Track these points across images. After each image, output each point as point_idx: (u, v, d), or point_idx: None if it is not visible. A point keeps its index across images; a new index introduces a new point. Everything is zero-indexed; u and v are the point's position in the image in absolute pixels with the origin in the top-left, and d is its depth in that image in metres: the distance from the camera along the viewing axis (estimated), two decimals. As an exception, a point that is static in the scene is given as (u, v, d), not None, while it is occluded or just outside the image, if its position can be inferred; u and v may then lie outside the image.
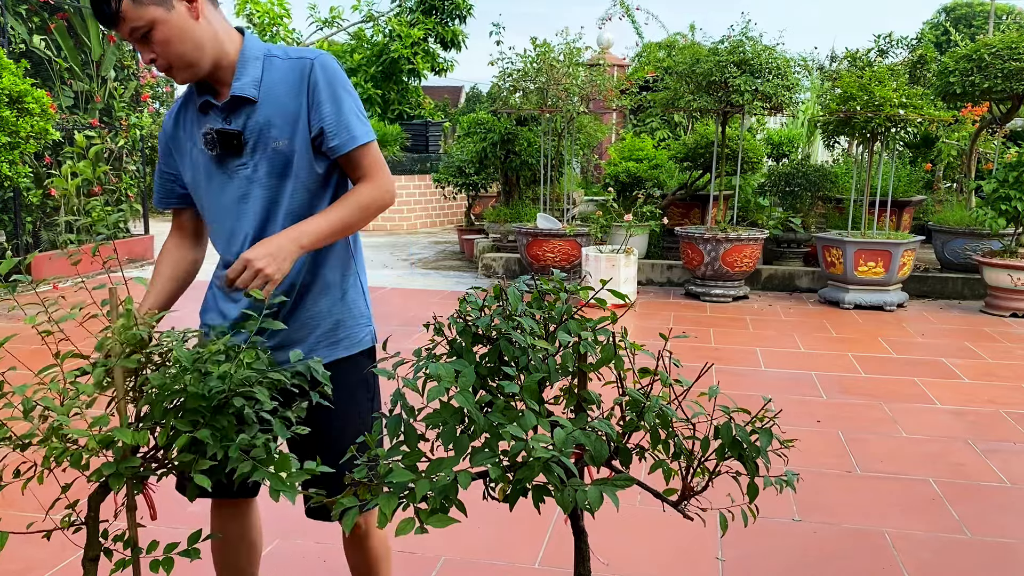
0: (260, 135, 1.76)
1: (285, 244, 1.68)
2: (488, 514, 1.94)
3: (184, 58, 1.70)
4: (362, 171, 1.81)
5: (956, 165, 10.07)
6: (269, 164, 1.77)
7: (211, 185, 1.82)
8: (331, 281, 1.88)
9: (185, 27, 1.68)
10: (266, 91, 1.76)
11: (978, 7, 18.79)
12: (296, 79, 1.76)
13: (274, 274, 1.64)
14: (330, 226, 1.75)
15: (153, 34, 1.65)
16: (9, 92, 6.57)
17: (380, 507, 1.26)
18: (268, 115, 1.75)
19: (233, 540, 2.06)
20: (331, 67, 1.78)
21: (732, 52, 7.26)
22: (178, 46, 1.68)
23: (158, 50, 1.68)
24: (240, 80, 1.75)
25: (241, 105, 1.76)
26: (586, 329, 1.41)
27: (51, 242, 8.50)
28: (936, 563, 2.82)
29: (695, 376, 1.48)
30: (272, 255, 1.65)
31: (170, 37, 1.66)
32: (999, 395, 4.72)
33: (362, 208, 1.79)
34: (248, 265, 1.63)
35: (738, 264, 7.40)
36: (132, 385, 1.47)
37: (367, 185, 1.81)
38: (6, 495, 1.64)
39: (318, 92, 1.75)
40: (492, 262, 8.84)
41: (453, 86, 20.45)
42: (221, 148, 1.76)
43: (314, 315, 1.87)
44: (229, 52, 1.76)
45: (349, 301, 1.92)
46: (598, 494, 1.24)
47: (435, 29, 14.40)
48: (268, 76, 1.77)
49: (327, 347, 1.89)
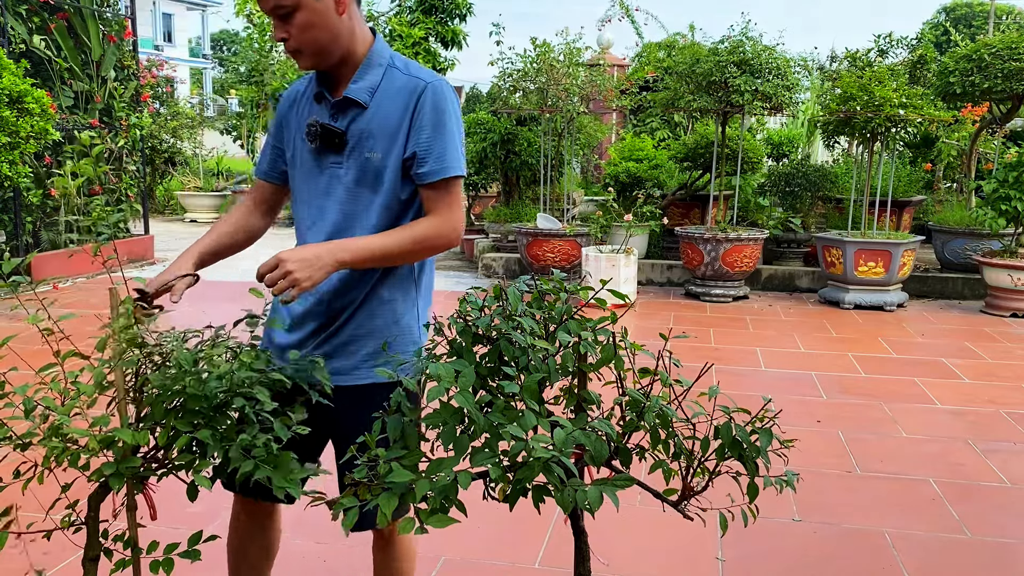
0: (359, 141, 1.76)
1: (323, 255, 1.65)
2: (488, 514, 1.94)
3: (317, 45, 1.71)
4: (434, 204, 1.78)
5: (956, 165, 10.07)
6: (359, 171, 1.77)
7: (303, 172, 1.84)
8: (387, 299, 1.85)
9: (328, 17, 1.70)
10: (378, 100, 1.76)
11: (978, 7, 18.79)
12: (406, 97, 1.76)
13: (303, 281, 1.60)
14: (378, 250, 1.72)
15: (296, 15, 1.67)
16: (9, 92, 6.57)
17: (380, 507, 1.26)
18: (372, 124, 1.76)
19: (253, 535, 2.06)
20: (443, 94, 1.78)
21: (732, 52, 7.26)
22: (316, 33, 1.70)
23: (294, 32, 1.69)
24: (358, 83, 1.76)
25: (350, 106, 1.77)
26: (586, 329, 1.41)
27: (51, 242, 8.49)
28: (936, 563, 2.82)
29: (695, 376, 1.48)
30: (307, 261, 1.62)
31: (312, 23, 1.68)
32: (999, 395, 4.72)
33: (416, 240, 1.75)
34: (280, 265, 1.60)
35: (738, 264, 7.40)
36: (132, 385, 1.47)
37: (433, 220, 1.78)
38: (6, 495, 1.63)
39: (423, 116, 1.75)
40: (492, 262, 8.84)
41: (453, 86, 20.44)
42: (321, 142, 1.77)
43: (365, 332, 1.84)
44: (357, 52, 1.78)
45: (403, 326, 1.88)
46: (598, 494, 1.24)
47: (435, 28, 14.40)
48: (384, 86, 1.78)
49: (371, 367, 1.85)
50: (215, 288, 7.87)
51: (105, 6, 9.35)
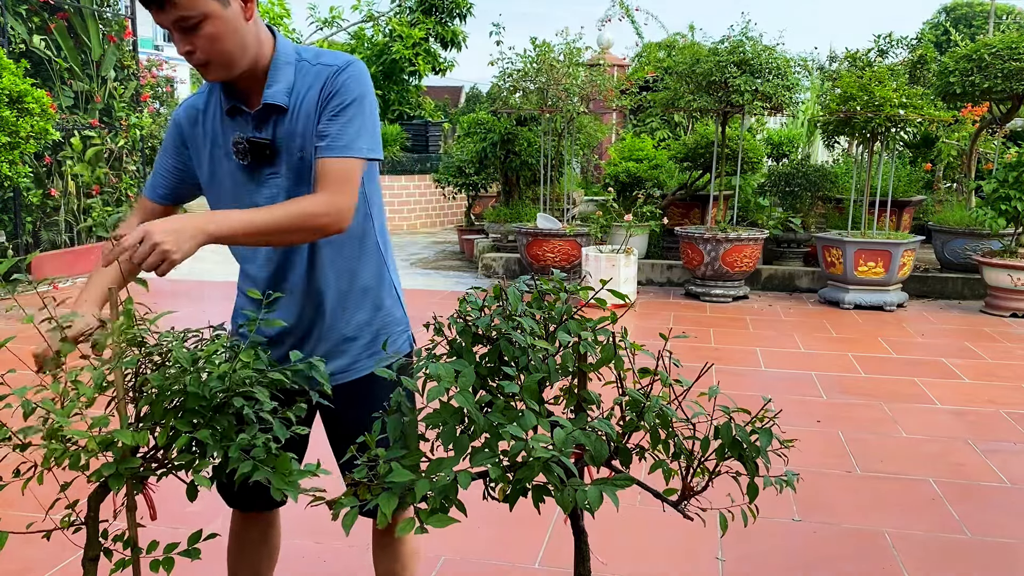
0: (288, 144, 1.70)
1: (190, 225, 1.51)
2: (488, 514, 1.94)
3: (226, 56, 1.62)
4: (325, 183, 1.65)
5: (956, 165, 10.07)
6: (296, 174, 1.71)
7: (234, 191, 1.75)
8: (368, 287, 1.84)
9: (237, 26, 1.61)
10: (296, 99, 1.69)
11: (978, 7, 18.79)
12: (320, 85, 1.69)
13: (173, 253, 1.46)
14: (251, 223, 1.57)
15: (203, 26, 1.57)
16: (9, 92, 6.57)
17: (380, 507, 1.26)
18: (296, 124, 1.69)
19: (255, 543, 2.05)
20: (353, 75, 1.70)
21: (732, 52, 7.26)
22: (225, 43, 1.60)
23: (201, 44, 1.59)
24: (273, 87, 1.68)
25: (272, 113, 1.69)
26: (586, 329, 1.41)
27: (51, 242, 8.49)
28: (936, 563, 2.82)
29: (695, 376, 1.48)
30: (175, 231, 1.48)
31: (220, 34, 1.59)
32: (999, 395, 4.72)
33: (297, 216, 1.60)
34: (146, 237, 1.44)
35: (738, 264, 7.40)
36: (132, 384, 1.46)
37: (319, 197, 1.64)
38: (6, 495, 1.63)
39: (331, 97, 1.68)
40: (492, 262, 8.83)
41: (453, 86, 20.44)
42: (252, 157, 1.69)
43: (354, 328, 1.84)
44: (265, 55, 1.69)
45: (387, 309, 1.88)
46: (598, 494, 1.24)
47: (435, 28, 14.39)
48: (299, 82, 1.70)
49: (368, 358, 1.85)
50: (215, 288, 7.88)
51: (105, 6, 9.35)
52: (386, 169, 12.90)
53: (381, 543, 2.00)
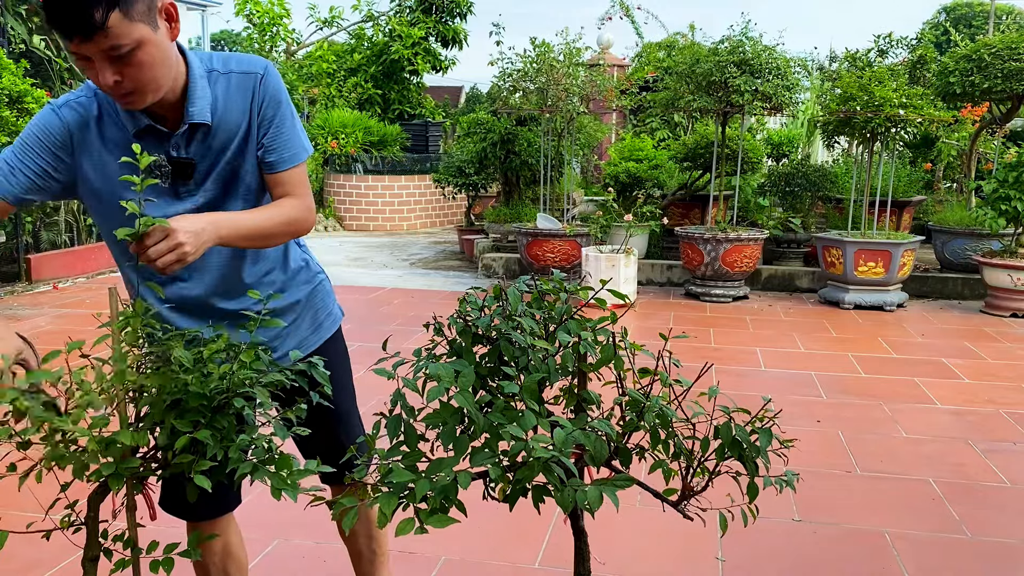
0: (214, 158, 1.67)
1: (208, 228, 1.53)
2: (488, 514, 1.94)
3: (156, 83, 1.52)
4: (292, 189, 1.72)
5: (956, 165, 10.07)
6: (222, 185, 1.69)
7: (149, 206, 1.63)
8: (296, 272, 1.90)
9: (166, 49, 1.52)
10: (218, 112, 1.65)
11: (978, 7, 18.79)
12: (243, 95, 1.67)
13: (190, 254, 1.47)
14: (252, 228, 1.64)
15: (135, 55, 1.46)
16: (9, 92, 6.58)
17: (380, 507, 1.26)
18: (222, 137, 1.66)
19: (218, 560, 1.98)
20: (275, 78, 1.70)
21: (732, 52, 7.26)
22: (156, 69, 1.51)
23: (131, 73, 1.48)
24: (196, 105, 1.62)
25: (196, 130, 1.64)
26: (586, 329, 1.41)
27: (51, 242, 8.50)
28: (936, 563, 2.82)
29: (695, 376, 1.48)
30: (196, 233, 1.49)
31: (152, 60, 1.49)
32: (999, 395, 4.72)
33: (288, 223, 1.71)
34: (171, 236, 1.44)
35: (738, 264, 7.40)
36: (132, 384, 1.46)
37: (296, 202, 1.72)
38: (6, 495, 1.63)
39: (265, 107, 1.67)
40: (492, 262, 8.84)
41: (453, 86, 20.43)
42: (174, 177, 1.65)
43: (299, 315, 1.91)
44: (181, 72, 1.61)
45: (317, 286, 1.96)
46: (598, 494, 1.24)
47: (435, 28, 14.40)
48: (218, 95, 1.65)
49: (315, 334, 1.94)
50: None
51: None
52: (386, 169, 12.91)
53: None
